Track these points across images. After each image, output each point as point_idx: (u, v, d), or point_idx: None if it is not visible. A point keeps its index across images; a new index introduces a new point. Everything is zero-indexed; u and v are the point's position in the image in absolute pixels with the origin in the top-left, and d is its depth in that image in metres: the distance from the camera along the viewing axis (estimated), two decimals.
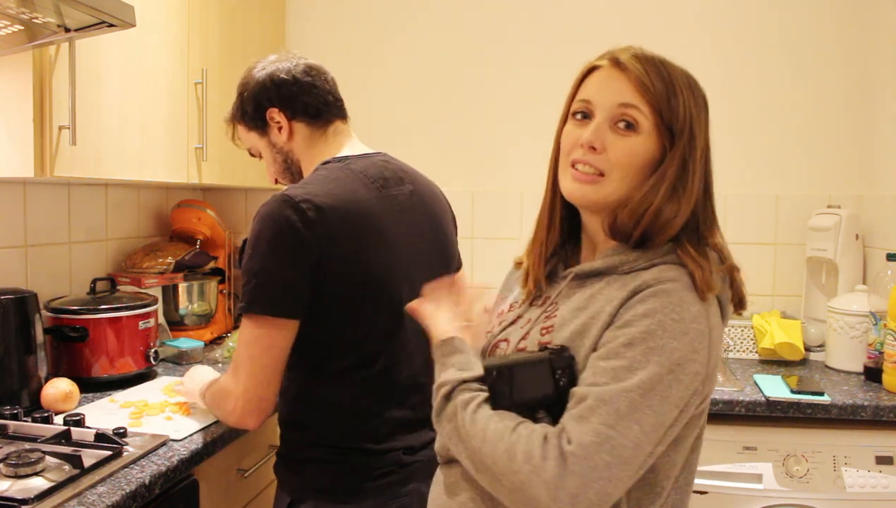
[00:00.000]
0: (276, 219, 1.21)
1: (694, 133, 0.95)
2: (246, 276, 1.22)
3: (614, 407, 0.83)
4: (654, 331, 0.86)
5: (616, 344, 0.87)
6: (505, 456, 0.85)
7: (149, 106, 1.76)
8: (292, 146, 1.42)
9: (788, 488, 1.70)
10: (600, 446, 0.81)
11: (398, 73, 2.55)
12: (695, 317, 0.88)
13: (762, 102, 2.36)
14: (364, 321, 1.27)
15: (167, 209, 2.42)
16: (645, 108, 0.93)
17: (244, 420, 1.24)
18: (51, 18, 1.26)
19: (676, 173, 0.94)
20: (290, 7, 2.58)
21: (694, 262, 0.91)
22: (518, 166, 2.48)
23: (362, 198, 1.28)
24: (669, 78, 0.94)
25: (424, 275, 1.26)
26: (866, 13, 2.29)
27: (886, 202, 2.14)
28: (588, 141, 0.94)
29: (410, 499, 1.30)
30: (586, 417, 0.83)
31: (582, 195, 0.97)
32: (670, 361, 0.85)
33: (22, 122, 1.40)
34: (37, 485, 1.12)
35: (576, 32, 2.43)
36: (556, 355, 0.90)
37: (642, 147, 0.94)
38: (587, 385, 0.86)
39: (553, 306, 1.00)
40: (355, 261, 1.24)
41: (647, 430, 0.84)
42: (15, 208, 1.78)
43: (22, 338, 1.54)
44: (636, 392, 0.84)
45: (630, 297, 0.90)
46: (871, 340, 1.93)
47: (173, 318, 2.19)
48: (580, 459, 0.81)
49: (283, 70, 1.39)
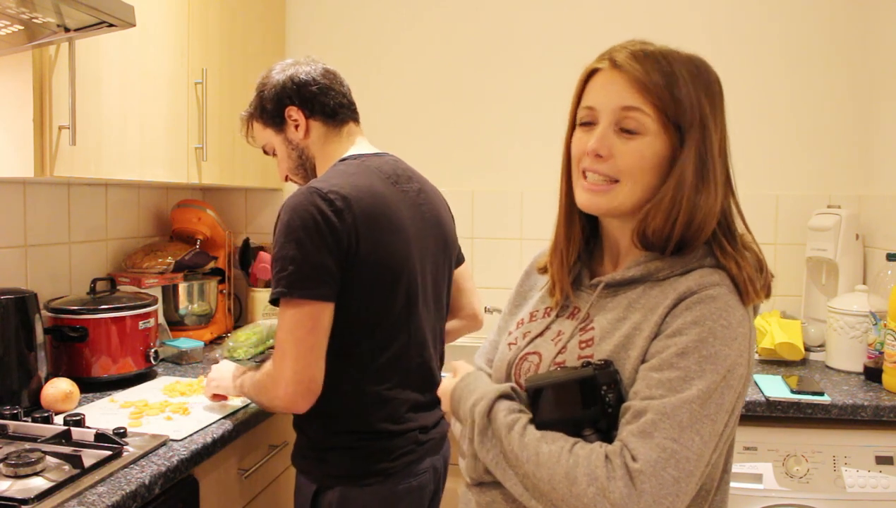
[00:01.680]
0: (307, 209, 1.25)
1: (705, 123, 0.92)
2: (281, 263, 1.26)
3: (677, 420, 0.82)
4: (706, 339, 0.85)
5: (668, 353, 0.86)
6: (566, 481, 0.83)
7: (149, 106, 1.76)
8: (308, 143, 1.48)
9: (788, 488, 1.70)
10: (667, 461, 0.80)
11: (398, 74, 2.55)
12: (740, 321, 0.88)
13: (762, 102, 2.36)
14: (381, 307, 1.34)
15: (167, 209, 2.42)
16: (647, 108, 0.90)
17: (295, 403, 1.27)
18: (51, 18, 1.26)
19: (695, 169, 0.91)
20: (290, 7, 2.58)
21: (736, 266, 0.90)
22: (518, 166, 2.48)
23: (381, 191, 1.35)
24: (671, 70, 0.91)
25: (431, 266, 1.44)
26: (866, 13, 2.29)
27: (886, 202, 2.14)
28: (593, 149, 0.92)
29: (427, 475, 1.41)
30: (649, 432, 0.82)
31: (596, 205, 0.95)
32: (723, 368, 0.85)
33: (22, 122, 1.40)
34: (37, 485, 1.12)
35: (576, 33, 2.43)
36: (600, 370, 0.87)
37: (650, 148, 0.91)
38: (642, 398, 0.85)
39: (587, 318, 0.97)
40: (377, 250, 1.31)
41: (706, 440, 0.83)
42: (15, 208, 1.78)
43: (22, 338, 1.54)
44: (696, 402, 0.83)
45: (675, 305, 0.89)
46: (871, 340, 1.93)
47: (173, 318, 2.19)
48: (649, 477, 0.80)
49: (303, 72, 1.47)
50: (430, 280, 1.45)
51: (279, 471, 1.81)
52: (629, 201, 0.94)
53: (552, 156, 2.81)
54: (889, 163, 2.17)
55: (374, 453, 1.34)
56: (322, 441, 1.37)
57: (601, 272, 1.04)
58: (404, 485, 1.36)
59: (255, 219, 2.63)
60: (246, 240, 2.47)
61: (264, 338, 2.19)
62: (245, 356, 2.06)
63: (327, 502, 1.34)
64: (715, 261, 0.92)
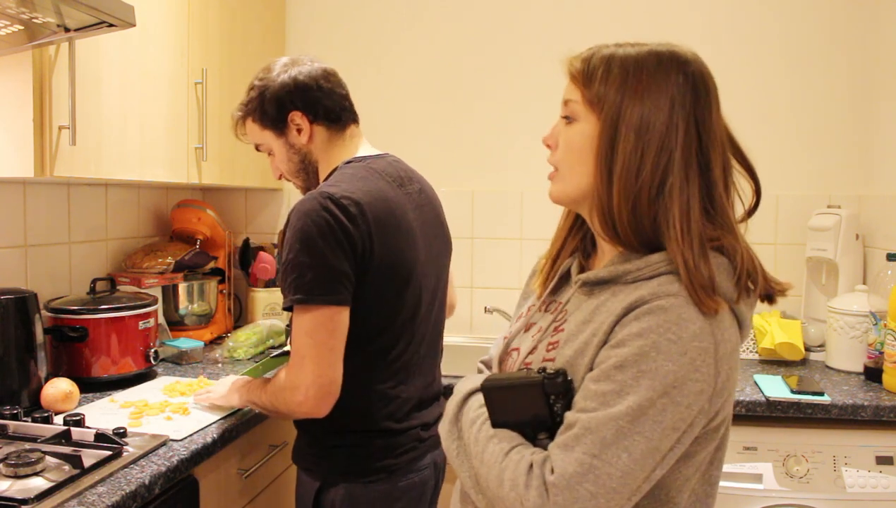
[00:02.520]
0: (321, 215, 1.26)
1: (621, 109, 0.88)
2: (298, 270, 1.26)
3: (600, 436, 0.80)
4: (647, 353, 0.81)
5: (607, 365, 0.83)
6: (496, 481, 0.85)
7: (149, 106, 1.76)
8: (311, 147, 1.47)
9: (788, 488, 1.70)
10: (584, 476, 0.79)
11: (398, 74, 2.55)
12: (695, 335, 0.82)
13: (762, 102, 2.36)
14: (391, 309, 1.35)
15: (167, 209, 2.42)
16: (577, 96, 0.92)
17: (317, 407, 1.27)
18: (51, 18, 1.26)
19: (602, 153, 0.88)
20: (290, 7, 2.58)
21: (687, 272, 0.84)
22: (518, 166, 2.48)
23: (390, 196, 1.37)
24: (605, 61, 0.90)
25: (434, 267, 1.46)
26: (866, 13, 2.29)
27: (886, 202, 2.15)
28: (544, 140, 0.97)
29: (429, 471, 1.43)
30: (571, 446, 0.81)
31: (550, 194, 0.98)
32: (664, 384, 0.80)
33: (22, 122, 1.40)
34: (37, 485, 1.12)
35: (575, 33, 2.43)
36: (549, 380, 0.86)
37: (578, 133, 0.92)
38: (577, 410, 0.84)
39: (562, 315, 0.97)
40: (389, 254, 1.32)
41: (637, 457, 0.80)
42: (15, 208, 1.78)
43: (22, 338, 1.54)
44: (624, 419, 0.80)
45: (625, 314, 0.85)
46: (871, 340, 1.93)
47: (173, 318, 2.19)
48: (562, 490, 0.79)
49: (305, 74, 1.44)
50: (433, 280, 1.46)
51: (279, 471, 1.81)
52: (571, 188, 0.94)
53: None
54: (889, 163, 2.17)
55: (378, 450, 1.35)
56: (326, 440, 1.37)
57: (590, 268, 1.04)
58: (407, 481, 1.38)
59: (255, 219, 2.63)
60: (246, 240, 2.47)
61: (264, 338, 2.20)
62: (245, 356, 2.06)
63: (331, 499, 1.35)
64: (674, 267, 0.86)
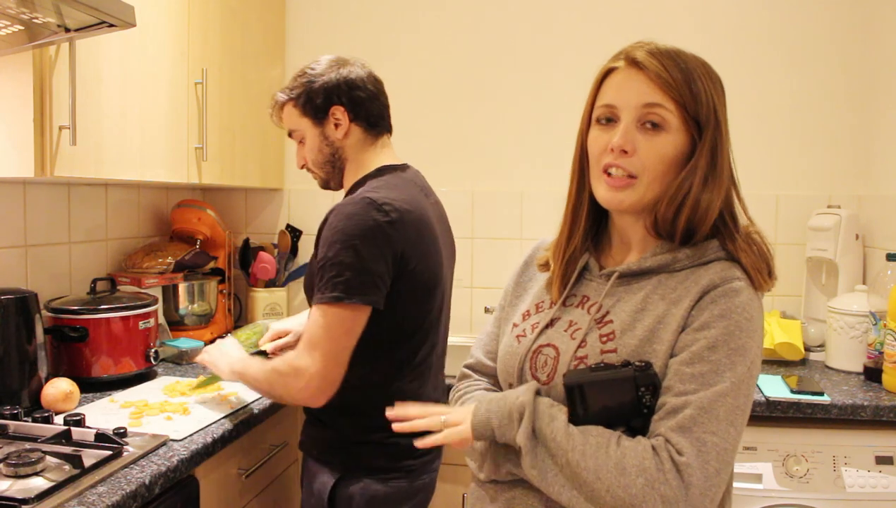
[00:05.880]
0: (364, 218, 1.31)
1: (718, 119, 0.96)
2: (337, 268, 1.30)
3: (714, 414, 0.85)
4: (733, 332, 0.88)
5: (698, 347, 0.88)
6: (615, 471, 0.85)
7: (149, 106, 1.76)
8: (345, 144, 1.51)
9: (788, 488, 1.70)
10: (709, 455, 0.83)
11: (398, 74, 2.54)
12: (759, 313, 0.93)
13: (762, 102, 2.36)
14: (421, 313, 1.42)
15: (167, 209, 2.42)
16: (669, 104, 0.93)
17: (316, 398, 1.31)
18: (51, 18, 1.26)
19: (707, 163, 0.95)
20: (290, 7, 2.58)
21: (748, 257, 0.94)
22: (518, 166, 2.48)
23: (422, 204, 1.44)
24: (687, 68, 0.94)
25: (449, 272, 1.56)
26: (866, 13, 2.29)
27: (886, 202, 2.14)
28: (618, 145, 0.94)
29: (435, 473, 1.52)
30: (688, 427, 0.85)
31: (619, 201, 0.97)
32: (749, 359, 0.89)
33: (22, 122, 1.40)
34: (37, 485, 1.12)
35: (575, 33, 2.43)
36: (640, 372, 0.89)
37: (672, 145, 0.94)
38: (676, 394, 0.87)
39: (599, 307, 0.98)
40: (422, 261, 1.39)
41: (740, 430, 0.87)
42: (15, 208, 1.78)
43: (22, 338, 1.54)
44: (730, 395, 0.86)
45: (700, 297, 0.92)
46: (871, 340, 1.93)
47: (173, 318, 2.19)
48: (696, 470, 0.82)
49: (356, 75, 1.49)
50: (448, 285, 1.54)
51: (279, 471, 1.81)
52: (648, 196, 0.96)
53: (552, 156, 2.82)
54: (889, 163, 2.17)
55: (402, 450, 1.40)
56: (353, 436, 1.41)
57: (609, 263, 1.05)
58: (420, 482, 1.45)
59: (255, 218, 2.63)
60: (246, 240, 2.47)
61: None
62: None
63: (349, 493, 1.38)
64: (727, 254, 0.95)
